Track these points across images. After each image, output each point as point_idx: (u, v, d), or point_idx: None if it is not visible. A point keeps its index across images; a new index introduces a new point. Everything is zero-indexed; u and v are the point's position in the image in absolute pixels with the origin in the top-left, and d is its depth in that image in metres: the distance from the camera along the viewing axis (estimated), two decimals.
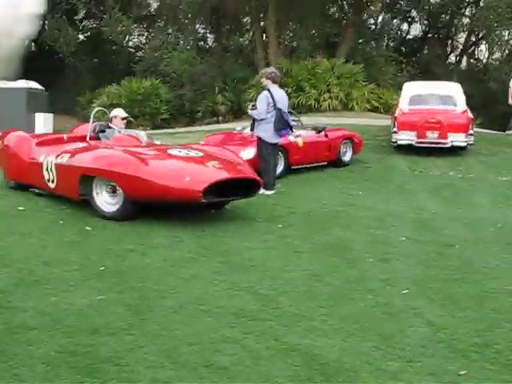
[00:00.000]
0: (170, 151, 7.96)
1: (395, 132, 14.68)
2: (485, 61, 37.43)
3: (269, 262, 6.06)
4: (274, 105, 9.25)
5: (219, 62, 29.03)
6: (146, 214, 7.48)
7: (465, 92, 15.76)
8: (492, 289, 5.56)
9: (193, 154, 7.94)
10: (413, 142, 14.45)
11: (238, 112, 25.45)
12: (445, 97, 15.21)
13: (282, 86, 10.49)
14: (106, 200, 7.58)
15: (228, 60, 30.44)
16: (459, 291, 5.47)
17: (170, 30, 32.26)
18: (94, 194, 7.59)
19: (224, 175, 7.38)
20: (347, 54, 25.95)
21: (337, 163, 12.84)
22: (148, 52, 31.65)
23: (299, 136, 11.77)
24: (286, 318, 4.71)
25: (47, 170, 8.23)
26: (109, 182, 7.47)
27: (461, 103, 15.08)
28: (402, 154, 14.78)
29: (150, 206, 7.49)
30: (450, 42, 36.88)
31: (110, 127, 9.03)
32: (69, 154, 8.00)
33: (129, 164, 7.27)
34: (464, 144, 14.47)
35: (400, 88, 25.89)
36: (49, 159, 8.24)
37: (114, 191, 7.47)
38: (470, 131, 14.43)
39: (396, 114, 15.12)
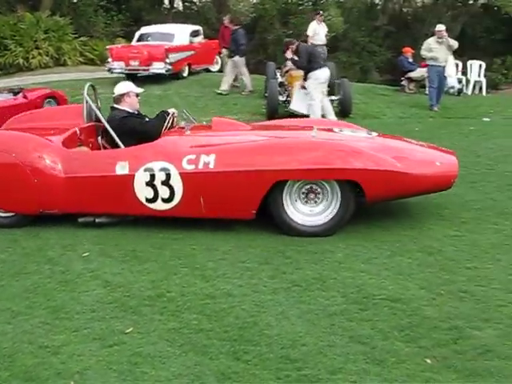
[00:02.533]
0: (346, 134, 6.24)
1: (109, 62, 17.24)
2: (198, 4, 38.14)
3: None
4: None
5: None
6: None
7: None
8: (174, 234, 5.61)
9: (363, 134, 6.37)
10: (123, 70, 17.10)
11: None
12: (165, 34, 18.09)
13: None
14: (303, 211, 5.61)
15: None
16: (144, 245, 5.43)
17: None
18: (286, 206, 5.56)
19: (454, 155, 6.05)
20: (52, 6, 24.62)
21: None
22: None
23: None
24: None
25: (151, 184, 5.61)
26: (306, 184, 5.56)
27: (181, 39, 17.98)
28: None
29: None
30: None
31: (115, 109, 6.36)
32: (214, 155, 5.52)
33: (371, 157, 5.44)
34: (163, 71, 16.71)
35: (114, 37, 25.47)
36: (156, 167, 5.59)
37: (307, 198, 5.59)
38: (167, 60, 16.68)
39: (108, 47, 18.15)
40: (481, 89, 18.74)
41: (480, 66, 18.71)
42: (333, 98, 12.35)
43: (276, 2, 27.85)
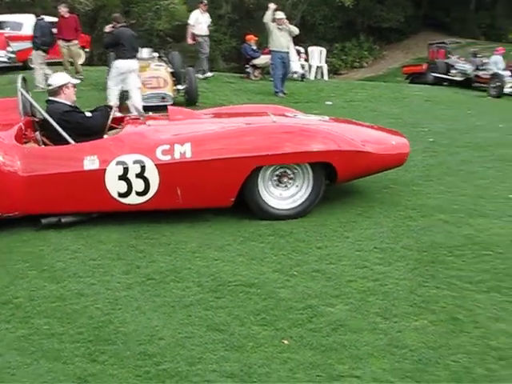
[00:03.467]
0: (303, 118, 6.53)
1: None
2: None
3: None
4: None
5: None
6: None
7: None
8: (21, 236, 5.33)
9: (317, 117, 6.75)
10: None
11: None
12: (15, 23, 18.43)
13: None
14: (276, 195, 5.65)
15: None
16: None
17: None
18: (261, 191, 5.55)
19: (401, 135, 6.54)
20: None
21: None
22: None
23: None
24: None
25: (125, 178, 5.31)
26: (278, 169, 5.61)
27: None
28: None
29: None
30: None
31: (53, 102, 5.96)
32: (189, 144, 5.36)
33: (340, 139, 5.63)
34: (4, 59, 16.72)
35: None
36: (129, 160, 5.31)
37: (279, 182, 5.65)
38: (9, 49, 16.82)
39: None
40: (322, 74, 19.48)
41: (321, 52, 19.44)
42: (179, 87, 12.29)
43: None
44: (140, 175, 5.34)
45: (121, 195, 5.39)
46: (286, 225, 5.47)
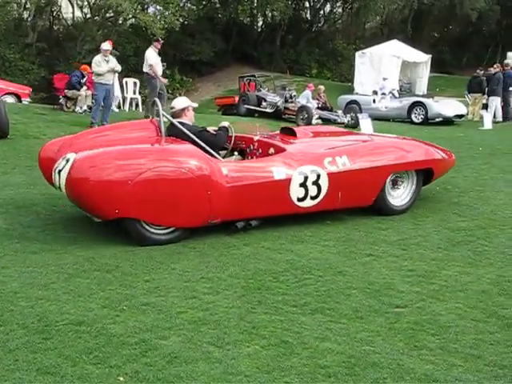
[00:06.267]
0: (393, 136, 8.52)
1: None
2: None
3: None
4: None
5: None
6: None
7: None
8: None
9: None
10: None
11: None
12: None
13: None
14: (393, 195, 7.14)
15: None
16: None
17: None
18: (387, 193, 7.02)
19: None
20: None
21: None
22: None
23: None
24: None
25: (304, 185, 6.40)
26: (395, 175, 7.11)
27: None
28: None
29: None
30: None
31: (183, 124, 6.54)
32: (346, 156, 6.70)
33: (435, 150, 7.47)
34: None
35: None
36: (306, 170, 6.42)
37: (394, 184, 7.14)
38: None
39: None
40: (137, 105, 19.47)
41: (135, 83, 19.44)
42: None
43: None
44: (315, 182, 6.44)
45: (299, 200, 6.41)
46: (111, 259, 5.39)
